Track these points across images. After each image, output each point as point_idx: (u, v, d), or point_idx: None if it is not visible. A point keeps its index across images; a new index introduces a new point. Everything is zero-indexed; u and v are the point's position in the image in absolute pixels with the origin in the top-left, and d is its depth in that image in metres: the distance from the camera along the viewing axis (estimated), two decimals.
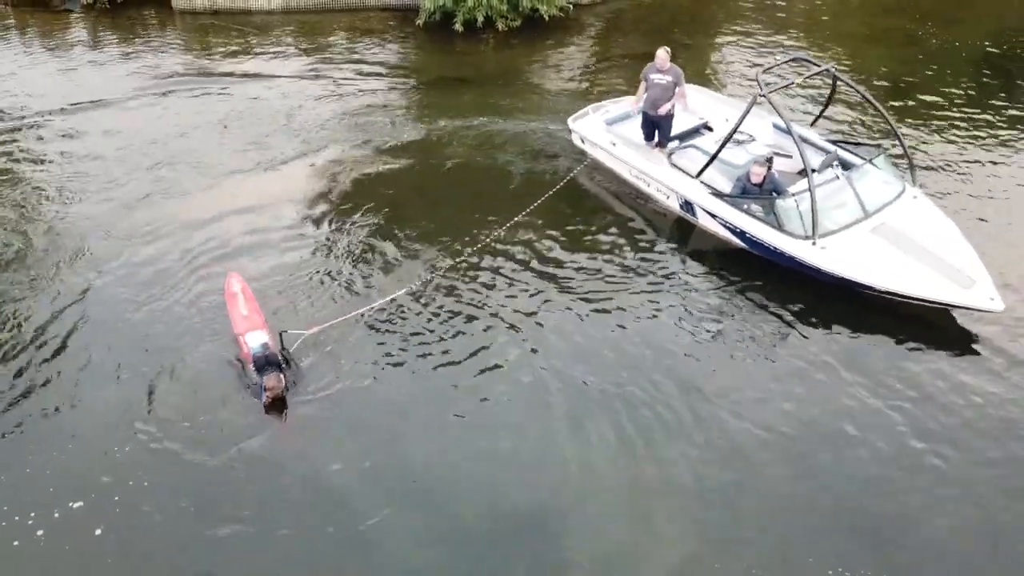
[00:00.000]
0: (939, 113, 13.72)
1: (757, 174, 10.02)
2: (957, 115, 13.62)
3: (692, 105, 12.01)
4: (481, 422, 8.31)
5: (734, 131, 10.41)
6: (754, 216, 10.03)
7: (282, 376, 8.34)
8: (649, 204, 11.38)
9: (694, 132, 11.72)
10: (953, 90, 14.54)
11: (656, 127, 11.36)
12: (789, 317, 9.54)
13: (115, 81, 15.33)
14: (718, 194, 10.40)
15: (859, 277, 9.31)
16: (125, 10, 18.26)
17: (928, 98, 14.29)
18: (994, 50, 16.36)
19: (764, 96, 10.09)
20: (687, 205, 10.79)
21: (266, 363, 8.46)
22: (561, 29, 17.30)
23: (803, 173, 9.80)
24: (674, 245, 10.84)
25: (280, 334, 8.81)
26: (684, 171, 10.86)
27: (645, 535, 7.26)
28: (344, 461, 7.87)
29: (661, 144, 11.40)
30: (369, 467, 7.83)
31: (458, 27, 16.60)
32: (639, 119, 11.60)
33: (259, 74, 15.63)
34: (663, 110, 11.09)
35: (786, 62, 10.78)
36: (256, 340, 8.76)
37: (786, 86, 11.30)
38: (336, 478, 7.72)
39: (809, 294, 9.75)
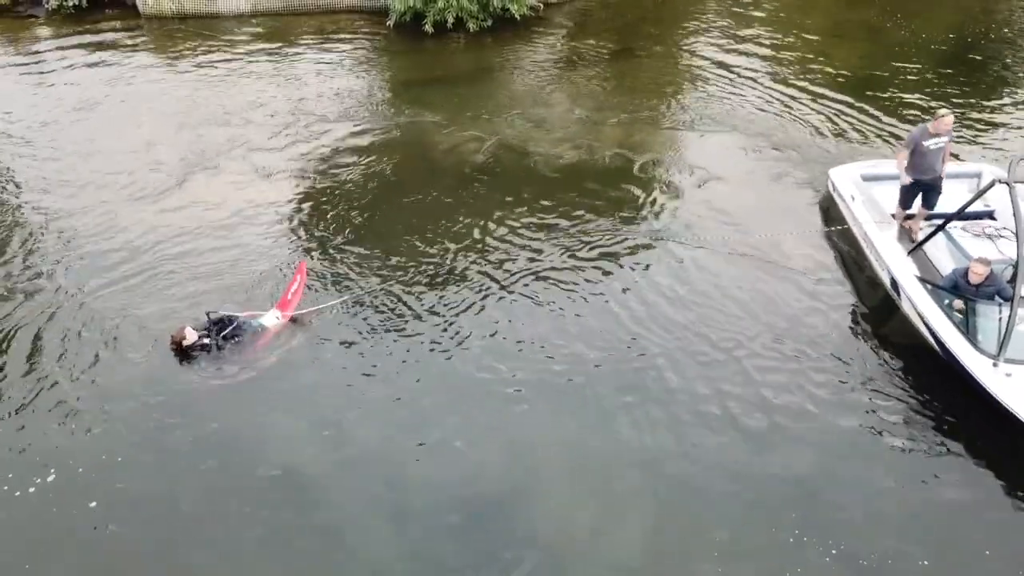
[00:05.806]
0: (916, 103, 13.96)
1: (976, 273, 8.55)
2: (934, 106, 13.73)
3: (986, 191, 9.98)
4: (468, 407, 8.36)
5: (959, 212, 9.32)
6: (950, 316, 8.54)
7: (191, 333, 8.67)
8: (866, 271, 10.33)
9: (967, 216, 9.82)
10: (929, 80, 14.82)
11: (928, 191, 10.11)
12: (958, 447, 8.00)
13: (81, 85, 15.20)
14: (923, 280, 9.20)
15: None
16: (91, 15, 18.10)
17: (901, 92, 14.52)
18: (960, 39, 16.68)
19: (1007, 183, 8.62)
20: (894, 283, 9.59)
21: (216, 323, 8.83)
22: (532, 28, 17.42)
23: None
24: (865, 318, 9.66)
25: (207, 314, 8.98)
26: (913, 246, 9.77)
27: (610, 512, 7.33)
28: (310, 448, 7.91)
29: (927, 205, 10.18)
30: (333, 453, 7.87)
31: (428, 28, 16.62)
32: (898, 182, 10.26)
33: (225, 74, 15.56)
34: (943, 173, 9.98)
35: None
36: (264, 317, 9.23)
37: None
38: (303, 467, 7.72)
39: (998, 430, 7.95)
